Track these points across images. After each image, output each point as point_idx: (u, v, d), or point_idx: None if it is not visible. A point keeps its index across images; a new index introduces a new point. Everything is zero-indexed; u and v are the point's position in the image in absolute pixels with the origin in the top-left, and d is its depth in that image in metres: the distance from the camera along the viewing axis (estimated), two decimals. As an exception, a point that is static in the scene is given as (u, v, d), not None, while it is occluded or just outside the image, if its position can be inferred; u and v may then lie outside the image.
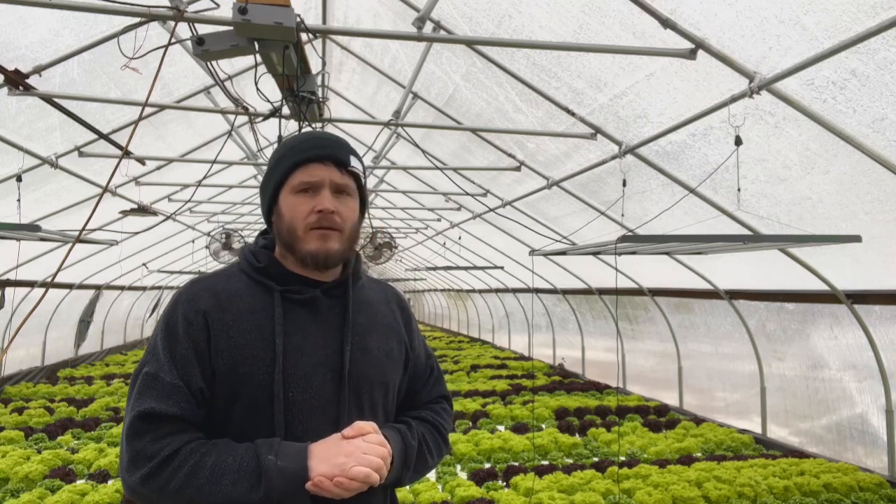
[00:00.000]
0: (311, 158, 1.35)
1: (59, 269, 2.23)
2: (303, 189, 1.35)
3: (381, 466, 1.23)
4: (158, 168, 7.16)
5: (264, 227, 1.51)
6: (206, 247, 9.82)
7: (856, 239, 3.35)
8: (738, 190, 4.03)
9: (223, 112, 4.97)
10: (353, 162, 1.40)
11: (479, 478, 5.15)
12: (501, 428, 7.03)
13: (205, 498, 1.18)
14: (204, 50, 2.71)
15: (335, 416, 1.31)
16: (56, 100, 4.48)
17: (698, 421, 7.11)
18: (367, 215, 1.54)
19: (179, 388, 1.24)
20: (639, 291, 8.06)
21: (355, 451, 1.22)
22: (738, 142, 3.68)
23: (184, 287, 1.37)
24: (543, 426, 7.12)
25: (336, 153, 1.37)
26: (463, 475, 5.39)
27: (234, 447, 1.23)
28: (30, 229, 4.11)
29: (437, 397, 1.61)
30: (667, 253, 5.22)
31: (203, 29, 2.87)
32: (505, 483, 5.17)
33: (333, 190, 1.36)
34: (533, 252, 5.55)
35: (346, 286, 1.41)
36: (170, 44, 2.62)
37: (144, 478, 1.20)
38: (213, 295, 1.32)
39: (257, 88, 3.02)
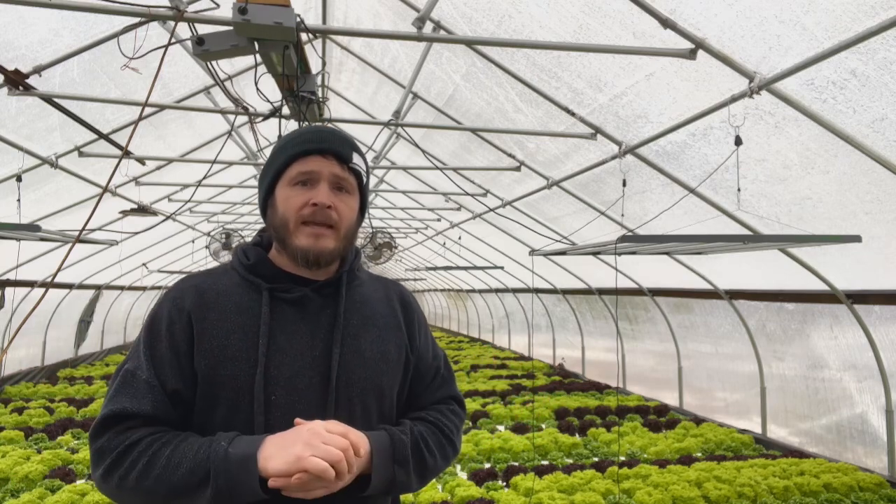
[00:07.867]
0: (311, 151, 1.30)
1: (59, 269, 2.23)
2: (300, 181, 1.29)
3: (340, 460, 1.11)
4: (158, 168, 7.15)
5: (264, 226, 1.46)
6: (206, 247, 9.83)
7: (856, 239, 3.35)
8: (738, 190, 4.03)
9: (223, 112, 4.97)
10: (356, 159, 1.34)
11: (479, 478, 5.15)
12: (501, 428, 7.02)
13: (162, 488, 1.13)
14: (204, 50, 2.71)
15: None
16: (56, 100, 4.48)
17: (698, 421, 7.11)
18: (366, 215, 1.50)
19: (154, 387, 1.21)
20: (639, 291, 8.06)
21: (314, 440, 1.11)
22: (738, 142, 3.68)
23: (173, 284, 1.34)
24: (543, 426, 7.11)
25: (338, 147, 1.32)
26: (463, 475, 5.39)
27: (194, 437, 1.18)
28: (30, 229, 4.11)
29: (445, 398, 1.51)
30: (667, 253, 5.22)
31: (203, 29, 2.87)
32: (505, 483, 5.17)
33: (332, 185, 1.30)
34: (533, 252, 5.55)
35: (339, 284, 1.35)
36: (170, 44, 2.62)
37: (106, 470, 1.16)
38: (198, 293, 1.28)
39: (257, 88, 3.02)
